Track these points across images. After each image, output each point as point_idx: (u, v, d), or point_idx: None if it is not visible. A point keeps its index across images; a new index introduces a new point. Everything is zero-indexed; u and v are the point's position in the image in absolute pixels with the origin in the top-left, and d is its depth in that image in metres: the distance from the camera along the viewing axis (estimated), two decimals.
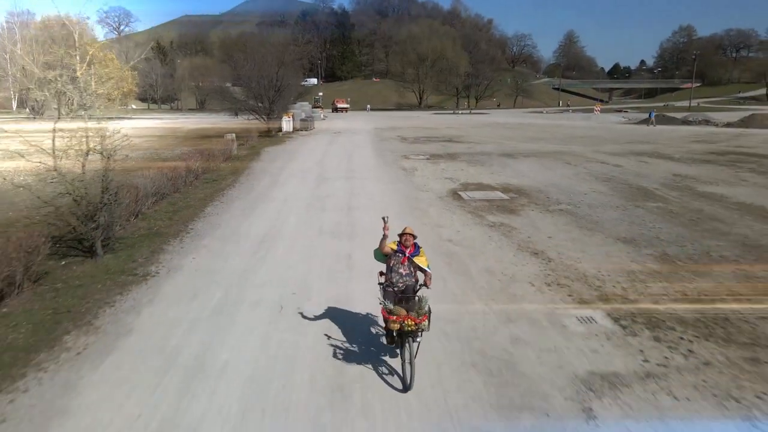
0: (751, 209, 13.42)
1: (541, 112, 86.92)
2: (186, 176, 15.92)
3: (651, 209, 13.47)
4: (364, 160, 23.76)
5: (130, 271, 8.55)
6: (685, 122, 50.28)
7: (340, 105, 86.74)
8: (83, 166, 9.08)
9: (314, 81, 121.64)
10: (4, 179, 8.72)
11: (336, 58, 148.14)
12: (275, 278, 8.39)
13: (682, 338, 6.40)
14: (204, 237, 10.78)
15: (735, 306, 7.37)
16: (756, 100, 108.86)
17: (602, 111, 74.74)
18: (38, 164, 8.83)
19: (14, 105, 65.19)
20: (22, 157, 8.70)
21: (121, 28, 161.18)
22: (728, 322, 6.84)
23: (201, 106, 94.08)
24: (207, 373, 5.52)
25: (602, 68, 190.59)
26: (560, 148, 28.61)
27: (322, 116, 58.71)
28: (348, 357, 5.86)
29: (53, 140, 8.79)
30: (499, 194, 15.44)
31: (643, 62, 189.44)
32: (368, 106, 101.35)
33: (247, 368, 5.63)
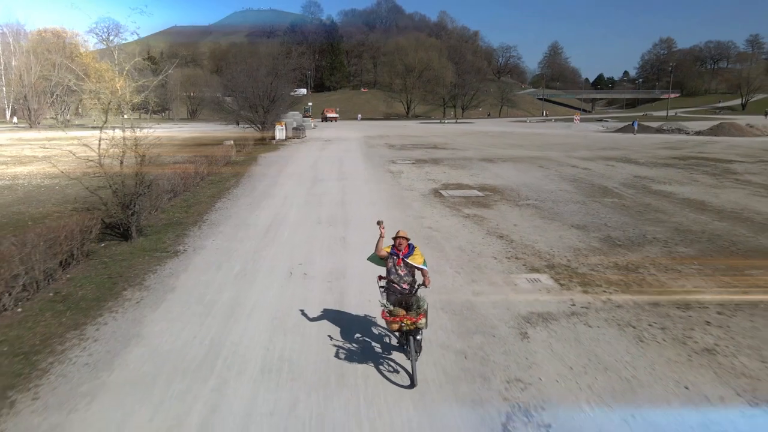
0: (692, 203, 15.45)
1: (525, 121, 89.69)
2: (194, 177, 17.61)
3: (606, 203, 15.44)
4: (355, 164, 25.58)
5: (163, 249, 10.28)
6: (659, 131, 52.85)
7: (329, 114, 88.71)
8: (121, 163, 10.77)
9: (303, 91, 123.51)
10: (62, 171, 10.20)
11: (325, 69, 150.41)
12: (283, 254, 10.16)
13: (605, 291, 8.26)
14: (219, 225, 12.53)
15: (653, 271, 9.27)
16: (732, 110, 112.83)
17: (582, 120, 77.69)
18: (86, 160, 10.46)
19: (8, 115, 66.12)
20: (74, 154, 10.32)
21: (111, 38, 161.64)
22: (644, 282, 8.72)
23: (192, 116, 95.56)
24: (238, 313, 7.27)
25: (587, 79, 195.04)
26: (537, 153, 30.72)
27: (312, 125, 60.57)
28: (346, 297, 7.64)
29: (99, 143, 10.44)
30: (475, 192, 17.34)
31: (626, 73, 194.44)
32: (359, 115, 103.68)
33: (268, 312, 7.38)
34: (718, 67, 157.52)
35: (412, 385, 5.45)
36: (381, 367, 5.87)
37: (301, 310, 7.38)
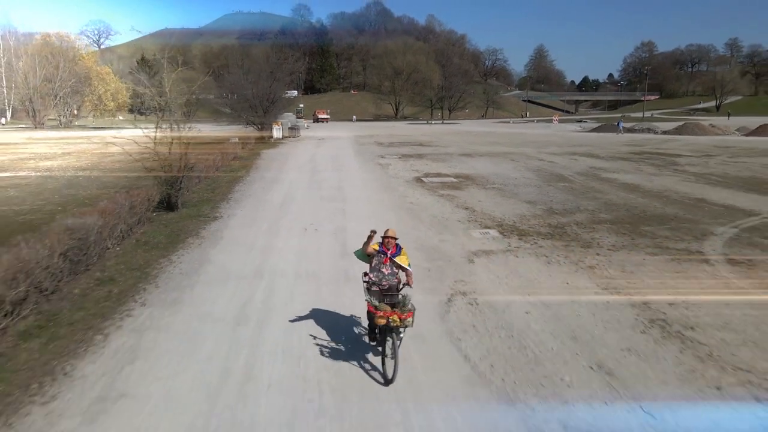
0: (627, 186, 18.76)
1: (508, 122, 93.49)
2: (211, 168, 20.62)
3: (558, 187, 18.70)
4: (348, 159, 28.72)
5: (204, 216, 13.35)
6: (631, 131, 56.63)
7: (321, 116, 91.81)
8: (169, 151, 13.77)
9: (294, 93, 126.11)
10: (130, 155, 13.11)
11: (315, 71, 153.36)
12: (297, 219, 13.27)
13: (534, 239, 11.45)
14: (241, 201, 15.60)
15: (575, 227, 12.49)
16: (707, 111, 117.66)
17: (561, 121, 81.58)
18: (145, 147, 13.45)
19: (8, 115, 68.23)
20: (137, 143, 13.29)
21: (101, 41, 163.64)
22: (565, 234, 11.93)
23: (187, 117, 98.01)
24: (272, 250, 10.37)
25: (573, 81, 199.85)
26: (512, 150, 34.07)
27: (306, 126, 63.56)
28: (347, 242, 10.77)
29: (155, 134, 13.43)
30: (451, 179, 20.54)
31: (611, 75, 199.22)
32: (354, 117, 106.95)
33: (293, 249, 10.48)
34: (698, 69, 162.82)
35: (388, 383, 5.52)
36: None
37: (316, 249, 10.50)
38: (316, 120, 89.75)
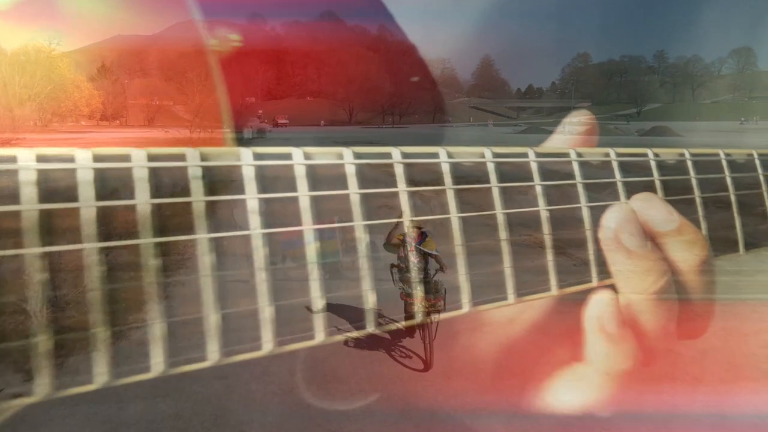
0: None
1: (452, 126, 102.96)
2: None
3: None
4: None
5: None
6: (552, 132, 66.17)
7: (280, 120, 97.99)
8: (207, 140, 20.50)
9: (252, 99, 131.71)
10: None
11: (271, 79, 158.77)
12: None
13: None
14: None
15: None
16: (630, 116, 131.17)
17: (496, 125, 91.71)
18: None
19: None
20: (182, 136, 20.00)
21: (52, 46, 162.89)
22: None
23: (150, 123, 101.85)
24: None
25: (519, 89, 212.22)
26: (445, 145, 42.07)
27: (269, 129, 69.93)
28: None
29: (191, 129, 20.17)
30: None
31: (554, 83, 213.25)
32: (322, 122, 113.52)
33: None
34: (625, 79, 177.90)
35: (427, 368, 5.95)
36: None
37: None
38: (276, 125, 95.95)
